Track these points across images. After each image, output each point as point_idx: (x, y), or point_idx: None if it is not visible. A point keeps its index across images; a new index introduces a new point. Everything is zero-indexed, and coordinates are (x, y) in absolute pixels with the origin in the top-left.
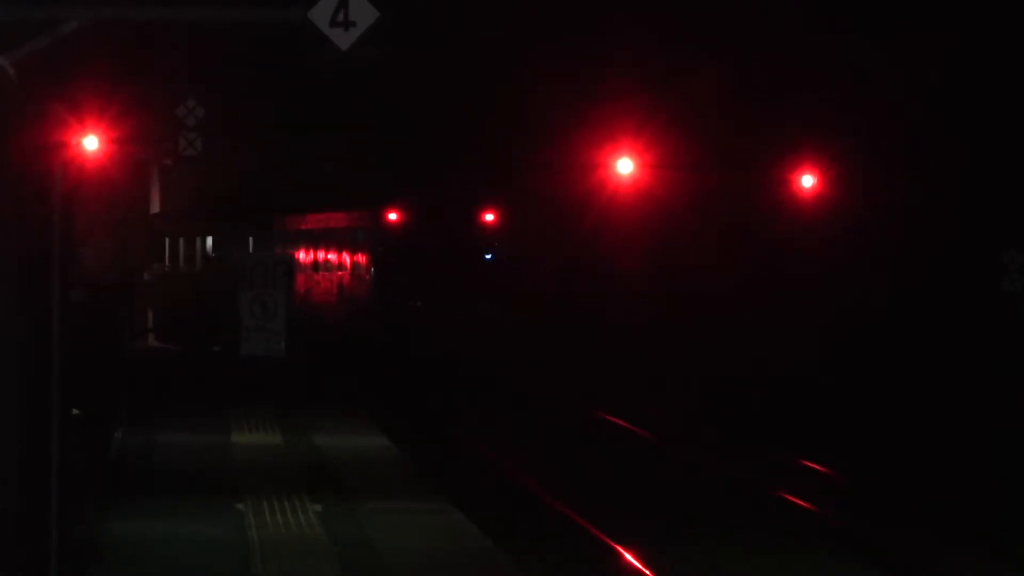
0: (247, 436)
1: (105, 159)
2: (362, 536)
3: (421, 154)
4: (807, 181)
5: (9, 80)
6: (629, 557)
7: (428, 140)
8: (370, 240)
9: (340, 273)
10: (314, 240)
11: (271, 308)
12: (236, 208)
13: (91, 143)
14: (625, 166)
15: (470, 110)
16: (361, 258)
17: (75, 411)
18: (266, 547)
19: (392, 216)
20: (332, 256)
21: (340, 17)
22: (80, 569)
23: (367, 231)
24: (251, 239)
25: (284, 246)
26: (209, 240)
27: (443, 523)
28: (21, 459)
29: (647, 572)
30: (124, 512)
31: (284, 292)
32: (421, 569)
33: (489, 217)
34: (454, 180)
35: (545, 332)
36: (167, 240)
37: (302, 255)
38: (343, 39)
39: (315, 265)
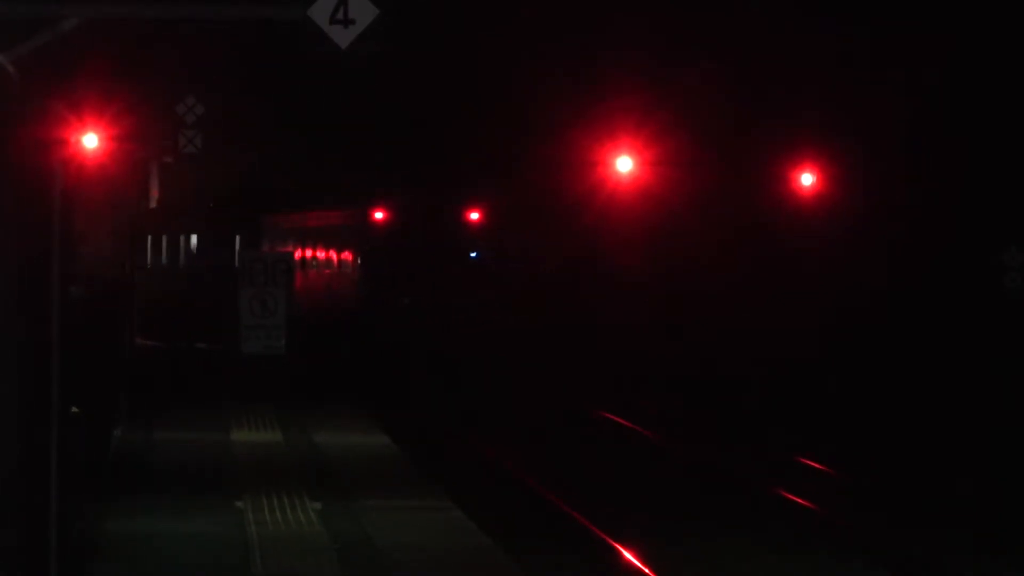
0: (246, 434)
1: (105, 156)
2: (361, 533)
3: (409, 153)
4: (807, 179)
5: (9, 78)
6: (628, 555)
7: (417, 139)
8: (357, 238)
9: (327, 271)
10: (301, 238)
11: (271, 306)
12: (222, 206)
13: (91, 141)
14: (624, 164)
15: (463, 109)
16: (348, 255)
17: (74, 409)
18: (266, 544)
19: (379, 215)
20: (320, 254)
21: (340, 15)
22: (80, 566)
23: (354, 229)
24: (238, 237)
25: (272, 244)
26: (194, 238)
27: (442, 520)
28: (21, 458)
29: (645, 570)
30: (124, 510)
31: (284, 289)
32: (420, 566)
33: (475, 216)
34: (441, 179)
35: (541, 332)
36: (149, 238)
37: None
38: (342, 37)
39: (303, 262)
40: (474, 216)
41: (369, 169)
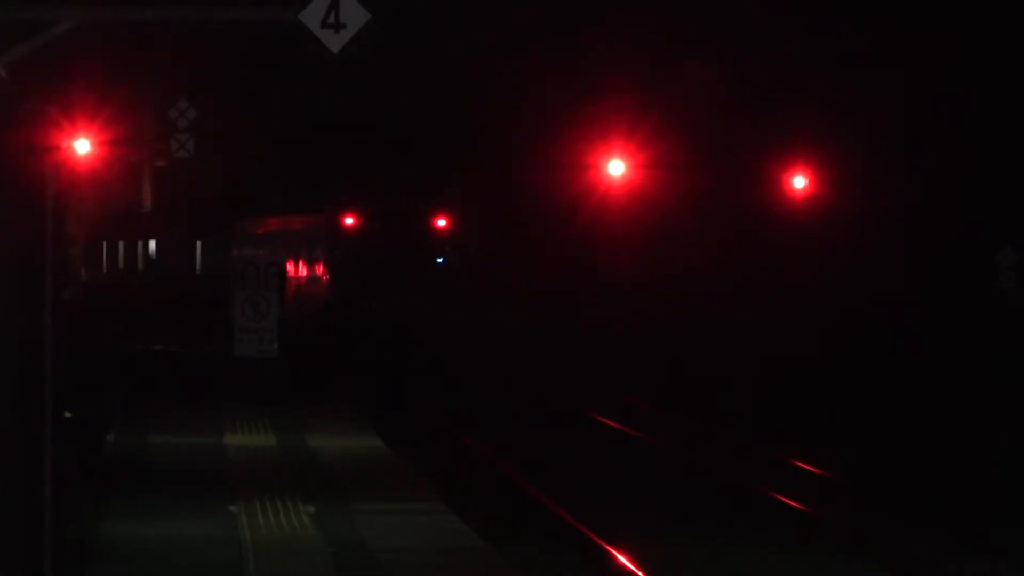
0: (240, 437)
1: (97, 161)
2: (355, 536)
3: (382, 157)
4: (799, 182)
5: (2, 82)
6: (622, 559)
7: (393, 143)
8: (326, 243)
9: (298, 275)
10: (270, 243)
11: (263, 309)
12: (186, 212)
13: (83, 145)
14: (616, 167)
15: (441, 112)
16: (318, 259)
17: (67, 414)
18: (259, 548)
19: (349, 220)
20: (290, 260)
21: (331, 19)
22: (75, 569)
23: (323, 234)
24: (199, 243)
25: (241, 249)
26: (152, 244)
27: (437, 523)
28: (16, 461)
29: (640, 574)
30: (118, 513)
31: (277, 293)
32: (415, 569)
33: (442, 223)
34: (413, 184)
35: (534, 333)
36: (105, 243)
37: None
38: (334, 41)
39: None
40: (441, 223)
41: (340, 174)
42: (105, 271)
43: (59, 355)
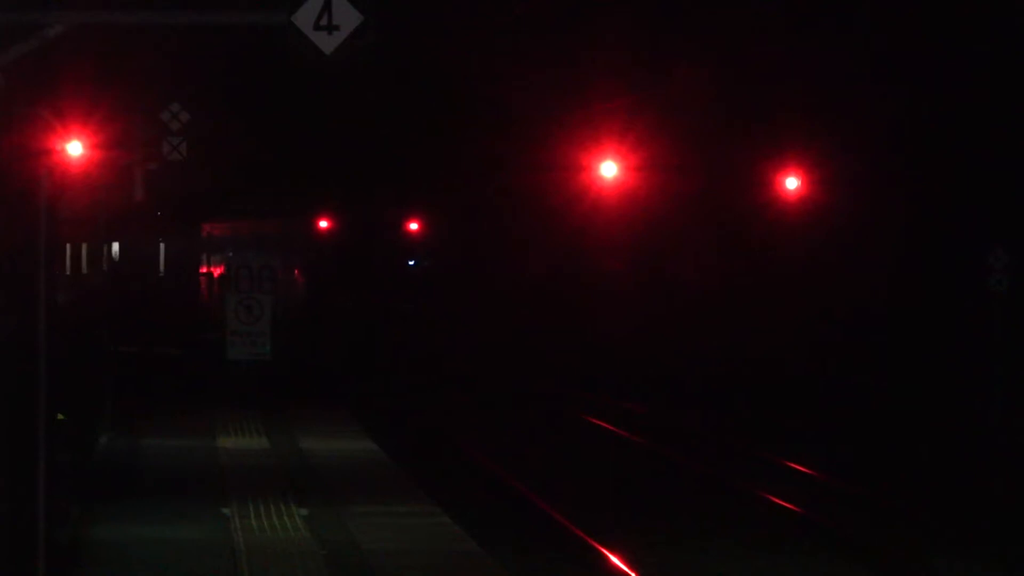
0: (232, 439)
1: (90, 164)
2: (348, 539)
3: (361, 161)
4: (794, 183)
5: None
6: (615, 559)
7: (374, 146)
8: (302, 245)
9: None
10: (244, 246)
11: (256, 312)
12: (153, 213)
13: (75, 148)
14: (610, 168)
15: (418, 119)
16: (293, 262)
17: (60, 416)
18: (252, 551)
19: (323, 223)
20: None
21: (324, 21)
22: (68, 572)
23: (298, 237)
24: (162, 245)
25: (211, 252)
26: (116, 246)
27: (429, 526)
28: (9, 463)
29: (633, 575)
30: (110, 516)
31: (270, 295)
32: (407, 571)
33: (414, 226)
34: (391, 188)
35: (525, 334)
36: (68, 245)
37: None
38: (327, 43)
39: None
40: (413, 226)
41: (330, 176)
42: (68, 273)
43: (52, 357)
